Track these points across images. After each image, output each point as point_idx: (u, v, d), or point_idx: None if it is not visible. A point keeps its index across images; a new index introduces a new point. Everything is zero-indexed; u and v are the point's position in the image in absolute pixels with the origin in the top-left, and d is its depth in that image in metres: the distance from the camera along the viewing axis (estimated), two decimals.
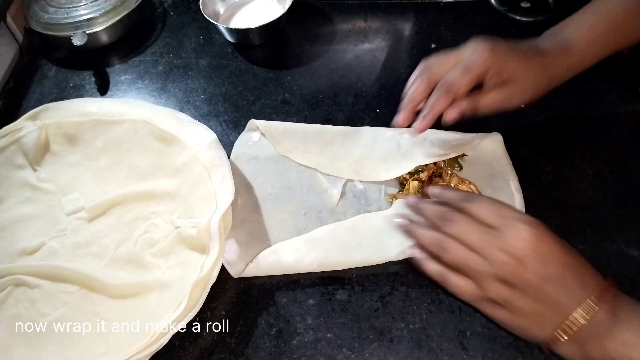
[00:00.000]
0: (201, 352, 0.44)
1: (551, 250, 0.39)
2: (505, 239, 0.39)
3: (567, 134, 0.57)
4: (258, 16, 0.68)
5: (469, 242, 0.40)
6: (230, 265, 0.48)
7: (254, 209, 0.52)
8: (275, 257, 0.47)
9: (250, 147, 0.56)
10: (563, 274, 0.38)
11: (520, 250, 0.38)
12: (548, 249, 0.39)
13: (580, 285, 0.38)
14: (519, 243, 0.38)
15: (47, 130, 0.55)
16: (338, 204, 0.52)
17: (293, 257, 0.47)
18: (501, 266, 0.39)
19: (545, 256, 0.38)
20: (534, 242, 0.38)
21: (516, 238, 0.39)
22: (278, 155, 0.55)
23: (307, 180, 0.53)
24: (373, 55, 0.66)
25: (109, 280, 0.46)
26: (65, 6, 0.67)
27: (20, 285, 0.46)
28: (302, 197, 0.52)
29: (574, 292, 0.38)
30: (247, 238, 0.50)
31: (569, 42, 0.50)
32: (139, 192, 0.51)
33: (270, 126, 0.57)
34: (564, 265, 0.38)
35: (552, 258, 0.38)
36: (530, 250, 0.38)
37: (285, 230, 0.50)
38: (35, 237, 0.49)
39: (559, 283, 0.38)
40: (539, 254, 0.38)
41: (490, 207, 0.42)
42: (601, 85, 0.60)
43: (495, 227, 0.40)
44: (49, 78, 0.67)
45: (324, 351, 0.44)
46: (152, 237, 0.48)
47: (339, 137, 0.55)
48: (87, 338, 0.43)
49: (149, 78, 0.66)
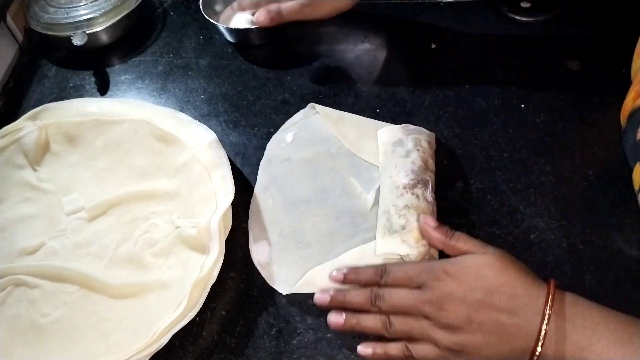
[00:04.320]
0: (201, 352, 0.44)
1: (480, 279, 0.40)
2: (433, 290, 0.41)
3: (567, 134, 0.57)
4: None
5: (405, 309, 0.42)
6: (262, 267, 0.48)
7: (286, 211, 0.51)
8: (310, 287, 0.47)
9: (283, 148, 0.56)
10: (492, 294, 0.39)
11: (447, 294, 0.40)
12: (475, 281, 0.40)
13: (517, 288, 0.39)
14: (444, 288, 0.40)
15: (47, 130, 0.55)
16: (372, 208, 0.51)
17: (329, 286, 0.46)
18: (439, 316, 0.40)
19: (476, 289, 0.39)
20: (456, 283, 0.40)
21: (440, 284, 0.40)
22: (311, 158, 0.55)
23: (340, 184, 0.53)
24: (373, 55, 0.66)
25: (109, 280, 0.46)
26: (65, 6, 0.67)
27: (20, 285, 0.46)
28: (335, 201, 0.51)
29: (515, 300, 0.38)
30: (279, 240, 0.49)
31: None
32: (139, 192, 0.51)
33: (327, 111, 0.58)
34: (495, 289, 0.39)
35: (481, 287, 0.39)
36: (457, 291, 0.40)
37: (317, 233, 0.49)
38: (35, 237, 0.49)
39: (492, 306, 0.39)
40: (467, 290, 0.40)
41: (406, 267, 0.44)
42: (601, 85, 0.60)
43: (421, 282, 0.42)
44: (49, 78, 0.67)
45: (324, 351, 0.44)
46: (152, 237, 0.48)
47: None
48: (87, 338, 0.43)
49: (149, 78, 0.66)
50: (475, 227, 0.50)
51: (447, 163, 0.55)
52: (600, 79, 0.60)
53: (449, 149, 0.56)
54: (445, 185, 0.53)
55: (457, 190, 0.53)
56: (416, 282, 0.42)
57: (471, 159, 0.55)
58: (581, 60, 0.62)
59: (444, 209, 0.50)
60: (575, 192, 0.52)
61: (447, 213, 0.50)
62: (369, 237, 0.49)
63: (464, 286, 0.40)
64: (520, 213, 0.51)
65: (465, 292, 0.40)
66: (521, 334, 0.38)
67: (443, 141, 0.56)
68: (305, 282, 0.46)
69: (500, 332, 0.38)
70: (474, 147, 0.56)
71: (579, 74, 0.61)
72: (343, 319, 0.43)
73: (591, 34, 0.64)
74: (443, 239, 0.44)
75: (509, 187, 0.53)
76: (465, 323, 0.39)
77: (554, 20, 0.67)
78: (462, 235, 0.44)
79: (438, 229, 0.44)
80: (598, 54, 0.56)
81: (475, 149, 0.56)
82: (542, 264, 0.48)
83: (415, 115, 0.58)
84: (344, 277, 0.46)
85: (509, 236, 0.49)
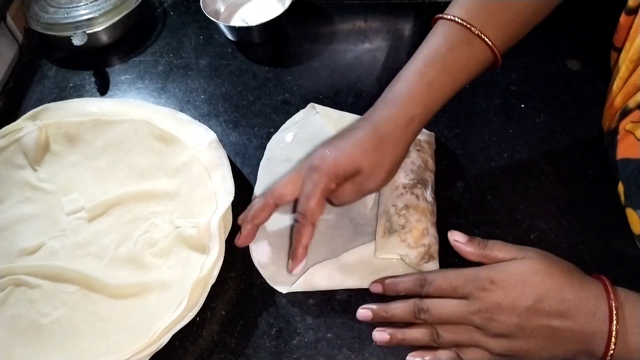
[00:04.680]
0: (201, 352, 0.44)
1: (528, 286, 0.39)
2: (480, 301, 0.40)
3: (567, 134, 0.57)
4: (258, 14, 0.68)
5: (452, 321, 0.41)
6: (262, 267, 0.48)
7: (286, 211, 0.51)
8: (309, 285, 0.47)
9: (283, 148, 0.56)
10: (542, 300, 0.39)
11: (496, 305, 0.39)
12: (522, 288, 0.39)
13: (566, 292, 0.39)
14: (492, 299, 0.39)
15: (47, 130, 0.55)
16: (371, 208, 0.51)
17: (328, 285, 0.47)
18: (490, 326, 0.39)
19: (525, 296, 0.39)
20: (504, 293, 0.39)
21: (487, 295, 0.40)
22: None
23: None
24: (373, 55, 0.66)
25: (109, 280, 0.46)
26: (65, 6, 0.67)
27: (20, 285, 0.46)
28: None
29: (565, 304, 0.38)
30: (280, 240, 0.49)
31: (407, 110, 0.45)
32: (139, 192, 0.51)
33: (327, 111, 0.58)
34: (543, 294, 0.39)
35: (529, 294, 0.39)
36: (506, 300, 0.39)
37: (317, 233, 0.48)
38: (35, 237, 0.49)
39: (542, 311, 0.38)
40: (515, 298, 0.39)
41: (449, 276, 0.42)
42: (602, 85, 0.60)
43: (467, 293, 0.41)
44: (49, 78, 0.67)
45: (324, 351, 0.44)
46: (152, 237, 0.48)
47: None
48: (87, 338, 0.43)
49: (149, 78, 0.66)
50: (475, 227, 0.50)
51: (447, 163, 0.55)
52: (600, 79, 0.60)
53: (449, 149, 0.56)
54: (445, 185, 0.53)
55: (457, 190, 0.53)
56: (461, 292, 0.41)
57: (471, 159, 0.55)
58: (581, 60, 0.62)
59: (444, 209, 0.50)
60: (575, 192, 0.52)
61: (447, 213, 0.50)
62: (369, 237, 0.49)
63: (512, 294, 0.39)
64: (520, 213, 0.51)
65: (514, 300, 0.39)
66: (574, 337, 0.38)
67: (443, 141, 0.56)
68: (304, 281, 0.46)
69: (553, 336, 0.38)
70: (474, 147, 0.56)
71: (579, 74, 0.62)
72: (388, 335, 0.42)
73: (591, 34, 0.64)
74: (478, 252, 0.43)
75: (509, 187, 0.53)
76: (517, 331, 0.39)
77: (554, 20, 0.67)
78: (496, 243, 0.43)
79: (470, 243, 0.43)
80: (598, 54, 0.56)
81: (475, 149, 0.56)
82: None
83: None
84: (384, 287, 0.45)
85: (509, 236, 0.49)
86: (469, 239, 0.43)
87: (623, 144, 0.48)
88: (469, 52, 0.45)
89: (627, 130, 0.48)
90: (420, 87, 0.45)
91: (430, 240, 0.46)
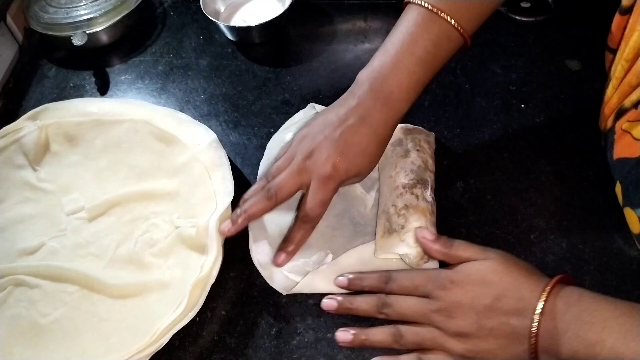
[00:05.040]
0: (201, 352, 0.44)
1: (487, 285, 0.40)
2: (440, 300, 0.41)
3: (567, 134, 0.57)
4: (258, 14, 0.68)
5: (413, 317, 0.42)
6: (262, 267, 0.48)
7: (286, 211, 0.51)
8: (309, 288, 0.47)
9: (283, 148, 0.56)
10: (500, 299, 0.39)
11: (455, 303, 0.40)
12: (481, 288, 0.40)
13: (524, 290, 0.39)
14: (452, 298, 0.41)
15: (47, 130, 0.55)
16: (371, 208, 0.51)
17: (328, 288, 0.47)
18: (449, 325, 0.40)
19: (484, 295, 0.40)
20: (463, 292, 0.40)
21: (447, 294, 0.41)
22: None
23: None
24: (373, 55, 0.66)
25: (109, 280, 0.46)
26: (65, 6, 0.67)
27: (20, 285, 0.46)
28: (335, 200, 0.50)
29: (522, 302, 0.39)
30: (280, 240, 0.49)
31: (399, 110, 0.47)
32: (139, 192, 0.51)
33: None
34: (501, 293, 0.39)
35: (488, 293, 0.40)
36: (465, 299, 0.40)
37: (317, 233, 0.49)
38: (35, 237, 0.49)
39: (501, 310, 0.39)
40: (474, 297, 0.40)
41: (412, 275, 0.44)
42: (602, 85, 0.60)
43: (427, 292, 0.42)
44: (49, 78, 0.67)
45: (324, 351, 0.44)
46: (152, 237, 0.48)
47: None
48: (87, 338, 0.43)
49: (149, 78, 0.66)
50: (475, 227, 0.50)
51: (447, 163, 0.55)
52: (600, 79, 0.60)
53: (449, 149, 0.56)
54: (445, 185, 0.53)
55: (457, 190, 0.53)
56: (423, 291, 0.42)
57: (471, 159, 0.55)
58: (581, 60, 0.62)
59: (444, 209, 0.50)
60: (575, 192, 0.52)
61: (447, 213, 0.50)
62: (369, 237, 0.49)
63: (471, 293, 0.40)
64: (520, 213, 0.51)
65: (473, 299, 0.40)
66: (532, 334, 0.38)
67: (443, 141, 0.56)
68: (304, 285, 0.47)
69: (511, 335, 0.38)
70: (474, 147, 0.56)
71: (579, 74, 0.62)
72: (351, 335, 0.43)
73: (591, 34, 0.64)
74: (443, 250, 0.44)
75: (509, 187, 0.53)
76: (476, 330, 0.39)
77: (554, 20, 0.67)
78: (461, 243, 0.44)
79: (436, 241, 0.44)
80: (598, 54, 0.56)
81: (475, 149, 0.56)
82: (542, 264, 0.48)
83: (415, 115, 0.58)
84: (349, 282, 0.45)
85: (509, 236, 0.49)
86: (435, 238, 0.44)
87: (620, 143, 0.48)
88: (450, 47, 0.47)
89: (624, 130, 0.48)
90: (409, 85, 0.47)
91: None
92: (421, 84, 0.47)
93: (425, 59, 0.46)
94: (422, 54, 0.46)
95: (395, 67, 0.46)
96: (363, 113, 0.46)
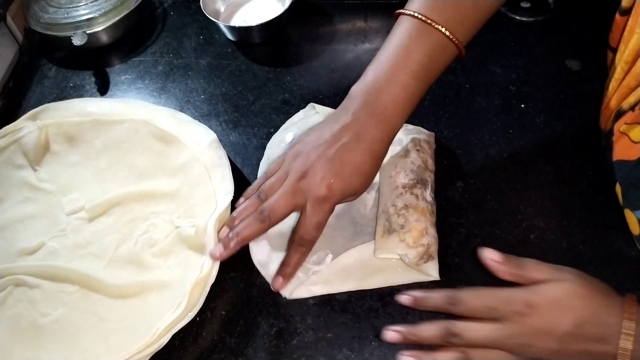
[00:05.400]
0: (201, 352, 0.44)
1: (567, 310, 0.38)
2: (517, 325, 0.39)
3: (567, 134, 0.57)
4: (258, 14, 0.68)
5: (484, 345, 0.40)
6: (262, 267, 0.48)
7: None
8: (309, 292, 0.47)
9: (283, 148, 0.56)
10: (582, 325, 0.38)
11: (535, 330, 0.38)
12: (562, 313, 0.38)
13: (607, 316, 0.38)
14: (530, 324, 0.38)
15: (47, 130, 0.55)
16: (371, 208, 0.51)
17: (327, 290, 0.47)
18: (526, 352, 0.39)
19: (565, 322, 0.38)
20: (543, 318, 0.38)
21: (525, 320, 0.38)
22: None
23: None
24: (373, 55, 0.66)
25: (109, 280, 0.46)
26: (65, 6, 0.67)
27: (20, 285, 0.46)
28: None
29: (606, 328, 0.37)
30: (279, 240, 0.49)
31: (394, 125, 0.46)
32: (139, 192, 0.51)
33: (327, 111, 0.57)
34: (585, 320, 0.38)
35: (570, 319, 0.38)
36: (545, 326, 0.38)
37: None
38: (35, 237, 0.49)
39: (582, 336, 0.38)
40: (555, 323, 0.38)
41: (482, 297, 0.41)
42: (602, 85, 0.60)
43: (501, 316, 0.39)
44: (49, 78, 0.67)
45: (324, 351, 0.44)
46: (152, 237, 0.48)
47: None
48: (87, 338, 0.43)
49: (149, 78, 0.66)
50: (475, 227, 0.50)
51: (447, 163, 0.55)
52: (600, 79, 0.60)
53: (449, 149, 0.56)
54: (445, 185, 0.53)
55: (457, 190, 0.53)
56: (496, 315, 0.40)
57: (471, 159, 0.55)
58: (581, 60, 0.62)
59: (444, 208, 0.50)
60: (575, 192, 0.52)
61: (447, 213, 0.50)
62: (369, 237, 0.49)
63: (552, 319, 0.38)
64: (520, 213, 0.51)
65: (553, 325, 0.38)
66: (610, 358, 0.37)
67: (443, 141, 0.56)
68: (304, 289, 0.47)
69: (589, 359, 0.38)
70: (474, 147, 0.56)
71: (579, 74, 0.62)
72: (400, 335, 0.42)
73: (591, 34, 0.64)
74: (514, 272, 0.41)
75: (509, 187, 0.53)
76: (554, 355, 0.38)
77: (554, 20, 0.67)
78: (532, 263, 0.42)
79: (506, 263, 0.41)
80: (598, 54, 0.56)
81: (475, 149, 0.56)
82: None
83: (415, 115, 0.58)
84: (414, 302, 0.43)
85: (509, 236, 0.49)
86: (503, 259, 0.41)
87: (618, 145, 0.48)
88: (444, 59, 0.46)
89: (622, 132, 0.48)
90: (404, 100, 0.45)
91: (429, 240, 0.46)
92: (416, 98, 0.46)
93: (419, 72, 0.45)
94: (416, 67, 0.45)
95: (390, 82, 0.45)
96: (358, 130, 0.45)
